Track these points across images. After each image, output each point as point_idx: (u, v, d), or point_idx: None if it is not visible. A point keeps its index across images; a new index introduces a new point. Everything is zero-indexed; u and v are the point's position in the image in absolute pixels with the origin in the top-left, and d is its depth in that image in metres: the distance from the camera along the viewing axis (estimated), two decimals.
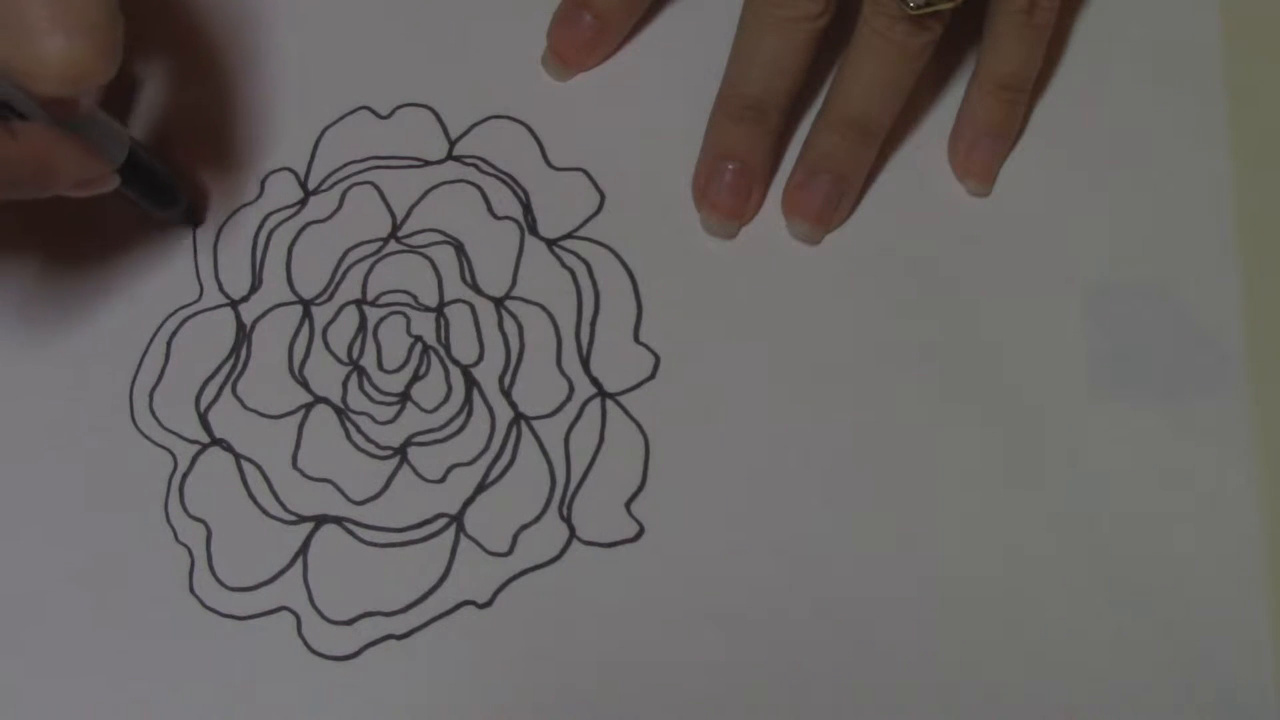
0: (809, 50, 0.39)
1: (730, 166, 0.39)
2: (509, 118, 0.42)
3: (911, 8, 0.37)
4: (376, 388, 0.39)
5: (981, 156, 0.40)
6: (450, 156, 0.42)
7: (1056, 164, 0.40)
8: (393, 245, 0.41)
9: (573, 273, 0.40)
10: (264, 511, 0.38)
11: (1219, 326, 0.38)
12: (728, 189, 0.39)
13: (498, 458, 0.38)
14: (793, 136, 0.41)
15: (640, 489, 0.38)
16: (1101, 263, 0.39)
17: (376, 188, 0.41)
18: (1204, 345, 0.38)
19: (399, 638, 0.37)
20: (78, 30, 0.30)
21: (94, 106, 0.35)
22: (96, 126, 0.36)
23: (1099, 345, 0.38)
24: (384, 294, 0.40)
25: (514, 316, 0.40)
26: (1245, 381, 0.38)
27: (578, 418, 0.39)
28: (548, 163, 0.41)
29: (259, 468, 0.39)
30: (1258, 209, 0.39)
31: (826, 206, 0.39)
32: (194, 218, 0.41)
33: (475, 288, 0.40)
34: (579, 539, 0.37)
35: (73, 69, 0.30)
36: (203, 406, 0.39)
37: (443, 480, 0.38)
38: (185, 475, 0.39)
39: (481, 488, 0.38)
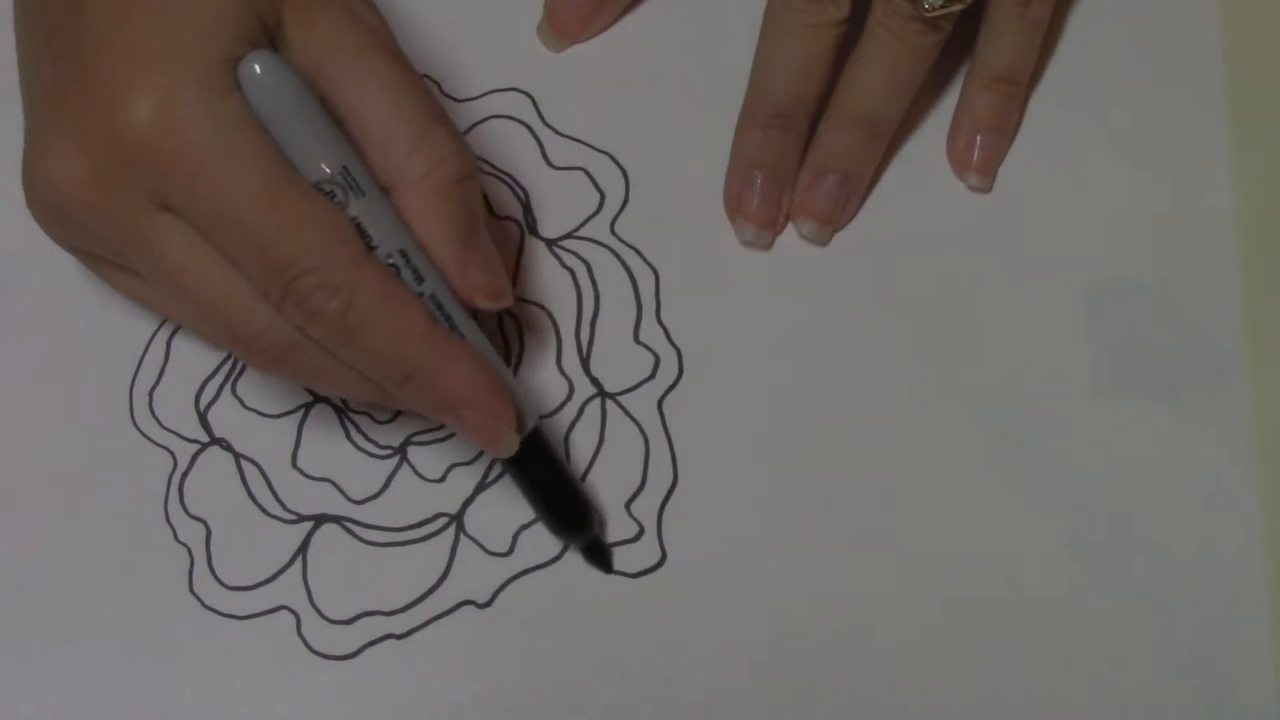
0: (833, 55, 0.39)
1: (761, 175, 0.39)
2: (509, 117, 0.42)
3: (926, 9, 0.37)
4: None
5: (980, 151, 0.40)
6: None
7: (1056, 163, 0.40)
8: None
9: (572, 273, 0.40)
10: (264, 511, 0.38)
11: (1219, 325, 0.38)
12: (761, 198, 0.39)
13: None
14: None
15: (640, 489, 0.38)
16: (1102, 261, 0.39)
17: None
18: (1204, 343, 0.38)
19: (399, 637, 0.37)
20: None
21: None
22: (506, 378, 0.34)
23: (1099, 344, 0.38)
24: None
25: (514, 316, 0.40)
26: (1245, 379, 0.38)
27: (578, 418, 0.39)
28: (548, 162, 0.41)
29: (259, 467, 0.39)
30: (1258, 208, 0.39)
31: (836, 206, 0.39)
32: (605, 558, 0.37)
33: None
34: None
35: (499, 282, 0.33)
36: (202, 406, 0.39)
37: (443, 480, 0.38)
38: (185, 475, 0.39)
39: (481, 487, 0.38)
